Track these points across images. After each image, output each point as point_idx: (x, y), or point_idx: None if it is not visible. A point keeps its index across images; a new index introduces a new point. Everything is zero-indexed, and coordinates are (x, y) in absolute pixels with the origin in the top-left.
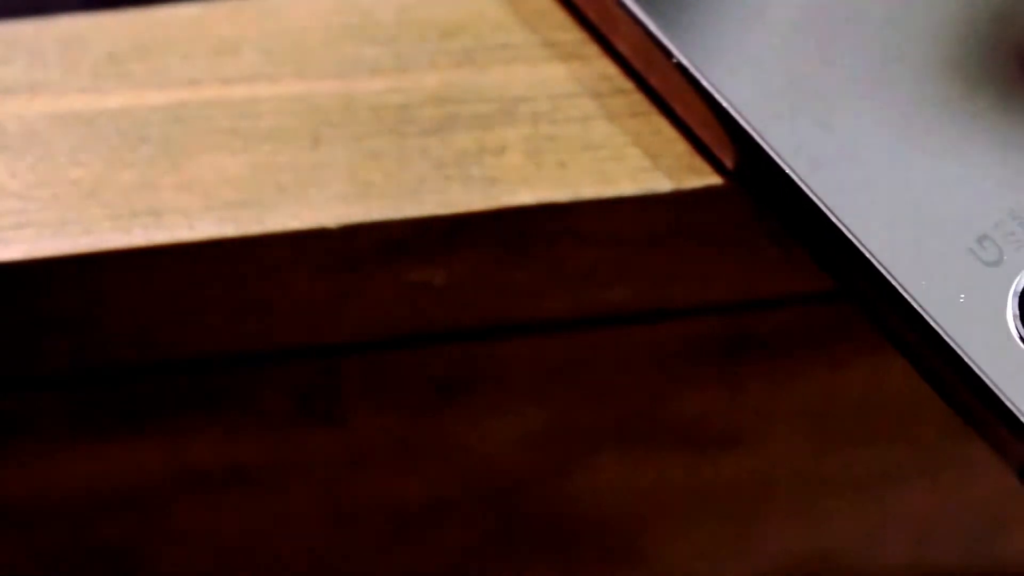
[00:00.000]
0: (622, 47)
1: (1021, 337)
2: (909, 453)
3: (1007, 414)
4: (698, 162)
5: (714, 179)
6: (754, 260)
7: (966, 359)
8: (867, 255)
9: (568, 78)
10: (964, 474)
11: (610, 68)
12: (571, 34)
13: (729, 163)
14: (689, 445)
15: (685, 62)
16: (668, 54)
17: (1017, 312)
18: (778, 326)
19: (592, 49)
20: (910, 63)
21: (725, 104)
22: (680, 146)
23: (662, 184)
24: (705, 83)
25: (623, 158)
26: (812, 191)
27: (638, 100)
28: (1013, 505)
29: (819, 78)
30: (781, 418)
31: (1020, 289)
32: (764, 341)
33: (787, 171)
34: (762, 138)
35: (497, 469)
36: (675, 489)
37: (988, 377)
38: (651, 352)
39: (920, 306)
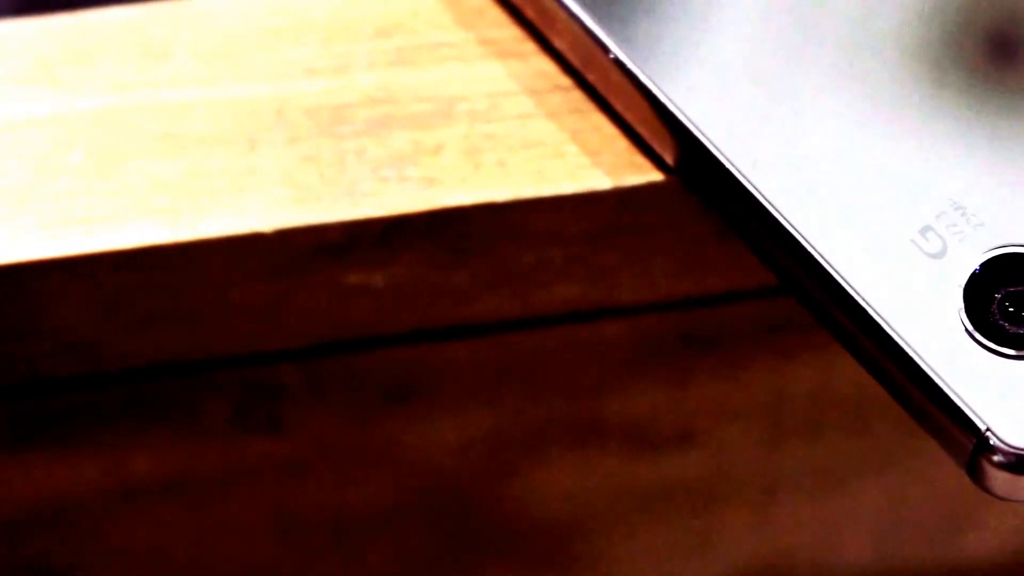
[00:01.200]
0: (559, 44)
1: (967, 330)
2: (866, 448)
3: (954, 408)
4: (639, 159)
5: (655, 175)
6: (698, 256)
7: (911, 353)
8: (809, 249)
9: (505, 76)
10: (923, 468)
11: (548, 65)
12: (508, 31)
13: (669, 159)
14: (640, 444)
15: (623, 58)
16: (605, 50)
17: (963, 305)
18: (726, 322)
19: (529, 46)
20: (850, 55)
21: (664, 100)
22: (620, 143)
23: (602, 182)
24: (643, 78)
25: (562, 156)
26: (753, 186)
27: (577, 97)
28: (975, 499)
29: (758, 72)
30: (733, 415)
31: (965, 281)
32: (712, 337)
33: (727, 166)
34: (702, 133)
35: (444, 473)
36: (627, 489)
37: (934, 371)
38: (597, 351)
39: (864, 300)
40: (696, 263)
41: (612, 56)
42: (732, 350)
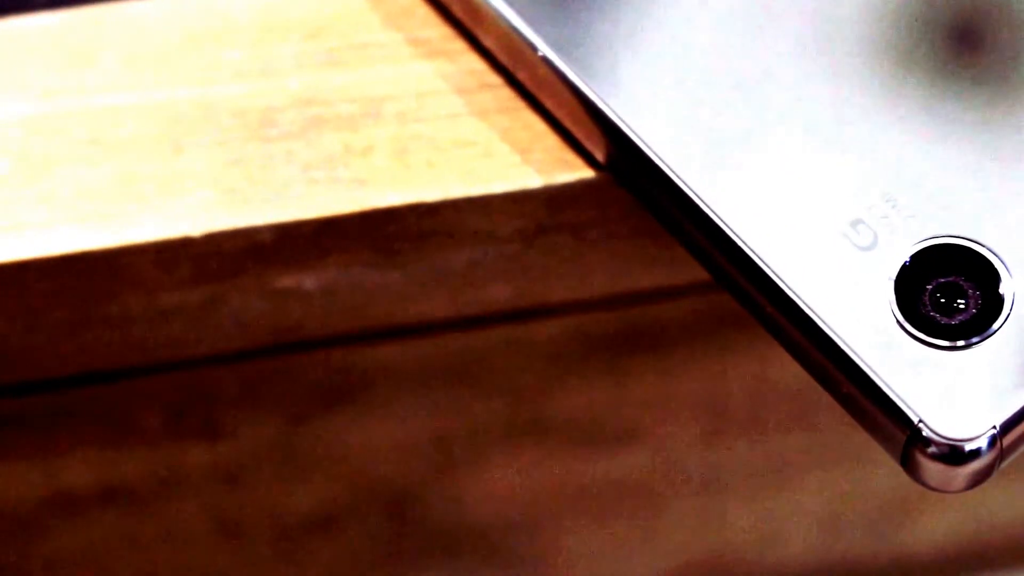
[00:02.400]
0: (488, 42)
1: (898, 322)
2: (807, 442)
3: (886, 401)
4: (570, 156)
5: (586, 173)
6: (634, 253)
7: (843, 346)
8: (740, 244)
9: (434, 75)
10: (865, 462)
11: (477, 63)
12: (436, 30)
13: (600, 156)
14: (581, 442)
15: (551, 55)
16: (534, 48)
17: (894, 297)
18: (664, 318)
19: (458, 45)
20: (779, 48)
21: (593, 96)
22: (550, 140)
23: (533, 180)
24: (572, 76)
25: (492, 155)
26: (683, 181)
27: (506, 95)
28: (917, 491)
29: (687, 67)
30: (674, 411)
31: (896, 273)
32: (650, 334)
33: (657, 162)
34: (631, 129)
35: (385, 475)
36: (570, 487)
37: (866, 364)
38: (534, 350)
39: (795, 294)
40: (631, 260)
41: (540, 54)
42: (671, 347)
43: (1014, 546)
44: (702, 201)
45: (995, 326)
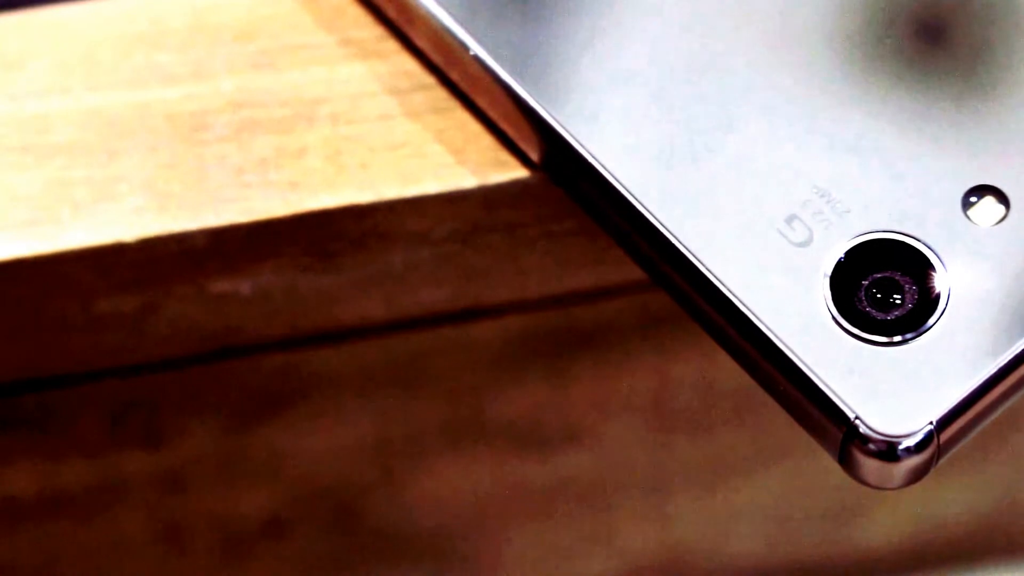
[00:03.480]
0: (421, 42)
1: (834, 318)
2: (754, 440)
3: (823, 398)
4: (504, 155)
5: (521, 172)
6: (571, 252)
7: (779, 344)
8: (675, 242)
9: (367, 76)
10: (812, 459)
11: (410, 64)
12: (368, 31)
13: (534, 155)
14: (525, 444)
15: (483, 55)
16: (465, 47)
17: (829, 294)
18: (604, 318)
19: (391, 45)
20: (711, 46)
21: (524, 95)
22: (485, 140)
23: (467, 180)
24: (503, 75)
25: (426, 155)
26: (616, 179)
27: (440, 95)
28: (865, 488)
29: (619, 65)
30: (617, 411)
31: (831, 269)
32: (590, 334)
33: (590, 160)
34: (563, 128)
35: (329, 479)
36: (517, 489)
37: (802, 361)
38: (474, 351)
39: (730, 292)
40: (569, 259)
41: (471, 53)
42: (612, 346)
43: (965, 542)
44: (636, 200)
45: (931, 321)
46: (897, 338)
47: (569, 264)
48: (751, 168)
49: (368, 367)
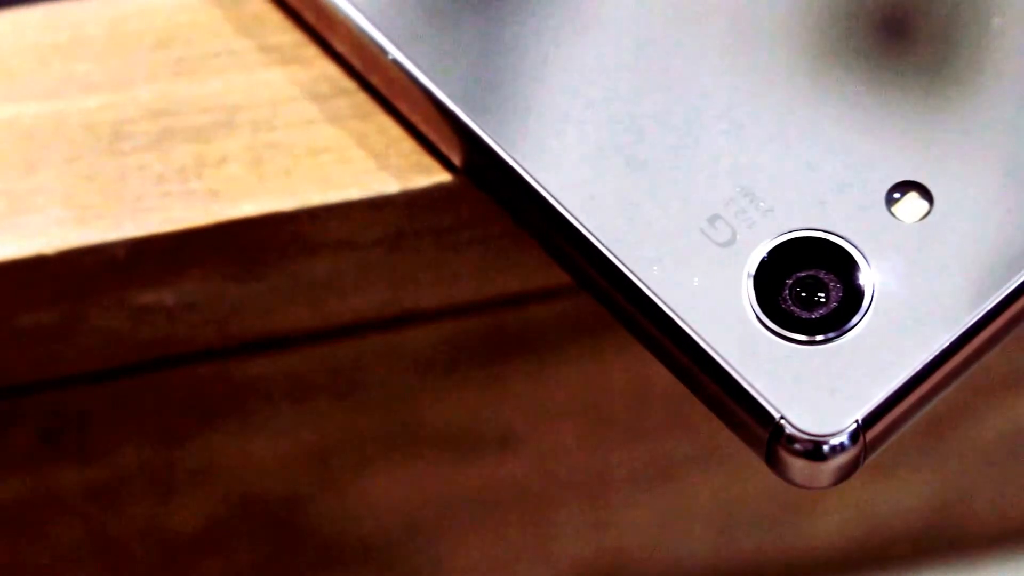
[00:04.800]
0: (340, 47)
1: (758, 318)
2: (693, 441)
3: (747, 398)
4: (426, 160)
5: (444, 176)
6: (499, 256)
7: (703, 345)
8: (597, 245)
9: (288, 82)
10: (753, 459)
11: (331, 69)
12: (289, 36)
13: (456, 160)
14: (461, 450)
15: (401, 59)
16: (384, 51)
17: (753, 294)
18: (537, 322)
19: (311, 51)
20: (630, 46)
21: (444, 99)
22: (407, 145)
23: (390, 185)
24: (422, 79)
25: (349, 161)
26: (538, 183)
27: (362, 100)
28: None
29: (538, 66)
30: (554, 415)
31: (755, 270)
32: (524, 338)
33: (511, 163)
34: (482, 130)
35: (267, 490)
36: (456, 496)
37: (727, 362)
38: (408, 358)
39: (654, 294)
40: (497, 263)
41: (391, 57)
42: (546, 350)
43: (910, 539)
44: (557, 202)
45: (855, 319)
46: (822, 337)
47: (498, 268)
48: (673, 169)
49: (301, 375)
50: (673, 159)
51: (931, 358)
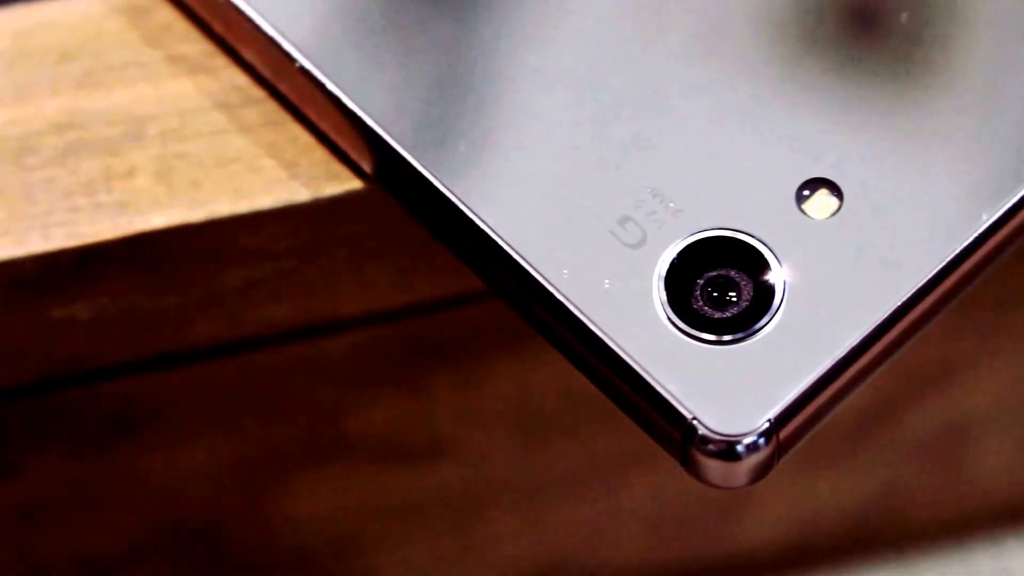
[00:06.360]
0: (249, 56)
1: (670, 319)
2: (625, 443)
3: (659, 400)
4: (337, 167)
5: (355, 184)
6: (415, 262)
7: (614, 347)
8: (507, 249)
9: (196, 92)
10: None
11: (240, 78)
12: (197, 46)
13: (366, 167)
14: (390, 458)
15: (308, 66)
16: (291, 59)
17: (664, 296)
18: (459, 327)
19: (220, 60)
20: (538, 49)
21: (352, 106)
22: (318, 153)
23: (300, 194)
24: (330, 86)
25: (259, 170)
26: (447, 188)
27: (271, 109)
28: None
29: (446, 70)
30: (482, 421)
31: (665, 271)
32: (446, 344)
33: (420, 169)
34: (391, 137)
35: (191, 504)
36: (386, 504)
37: (638, 364)
38: (329, 367)
39: (565, 297)
40: (413, 270)
41: (298, 65)
42: (469, 355)
43: (844, 536)
44: (468, 208)
45: (766, 318)
46: (734, 336)
47: (414, 275)
48: (583, 171)
49: (221, 387)
50: (582, 161)
51: (843, 355)
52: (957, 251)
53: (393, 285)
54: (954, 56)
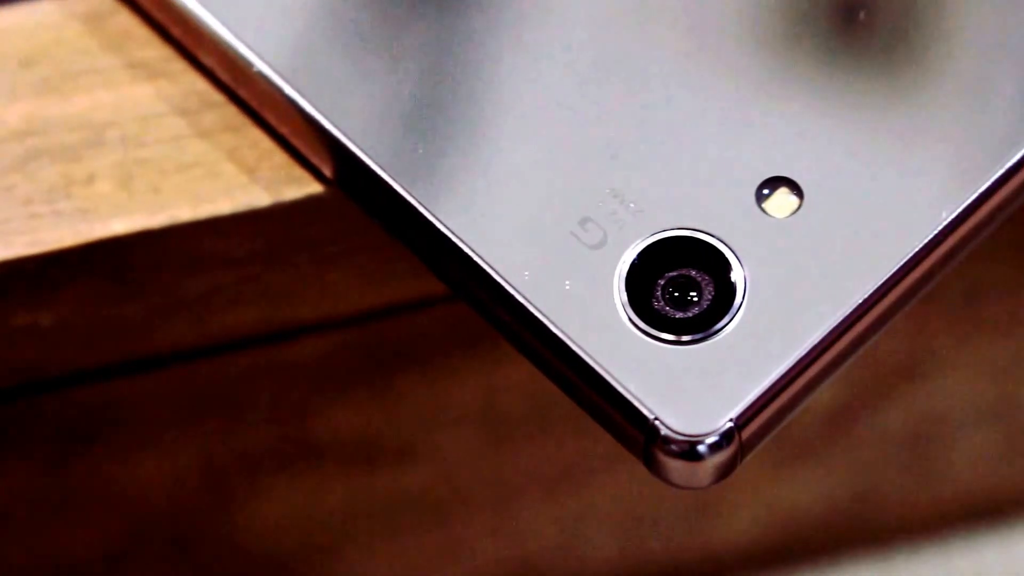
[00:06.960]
0: (207, 60)
1: (631, 319)
2: (595, 443)
3: (621, 401)
4: (298, 172)
5: (315, 188)
6: (378, 266)
7: (575, 348)
8: (468, 251)
9: (155, 98)
10: None
11: (199, 83)
12: (156, 51)
13: (326, 171)
14: (358, 462)
15: (266, 70)
16: (250, 64)
17: (625, 297)
18: (424, 329)
19: (179, 65)
20: (500, 53)
21: (311, 110)
22: (278, 157)
23: (261, 198)
24: (288, 90)
25: (219, 175)
26: (407, 191)
27: (231, 113)
28: (719, 487)
29: (405, 73)
30: (450, 423)
31: (626, 271)
32: (413, 346)
33: (379, 173)
34: (349, 139)
35: (161, 511)
36: (356, 508)
37: (599, 364)
38: (295, 372)
39: (525, 299)
40: (376, 273)
41: (255, 69)
42: (436, 357)
43: (820, 533)
44: (427, 211)
45: (727, 317)
46: (695, 336)
47: (377, 278)
48: (543, 173)
49: (188, 393)
50: (542, 163)
51: (804, 354)
52: (917, 248)
53: (357, 289)
54: (912, 54)
